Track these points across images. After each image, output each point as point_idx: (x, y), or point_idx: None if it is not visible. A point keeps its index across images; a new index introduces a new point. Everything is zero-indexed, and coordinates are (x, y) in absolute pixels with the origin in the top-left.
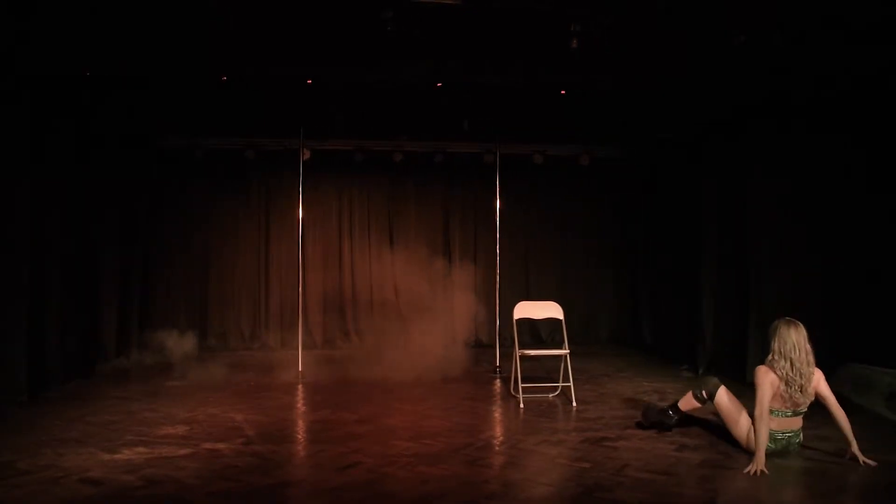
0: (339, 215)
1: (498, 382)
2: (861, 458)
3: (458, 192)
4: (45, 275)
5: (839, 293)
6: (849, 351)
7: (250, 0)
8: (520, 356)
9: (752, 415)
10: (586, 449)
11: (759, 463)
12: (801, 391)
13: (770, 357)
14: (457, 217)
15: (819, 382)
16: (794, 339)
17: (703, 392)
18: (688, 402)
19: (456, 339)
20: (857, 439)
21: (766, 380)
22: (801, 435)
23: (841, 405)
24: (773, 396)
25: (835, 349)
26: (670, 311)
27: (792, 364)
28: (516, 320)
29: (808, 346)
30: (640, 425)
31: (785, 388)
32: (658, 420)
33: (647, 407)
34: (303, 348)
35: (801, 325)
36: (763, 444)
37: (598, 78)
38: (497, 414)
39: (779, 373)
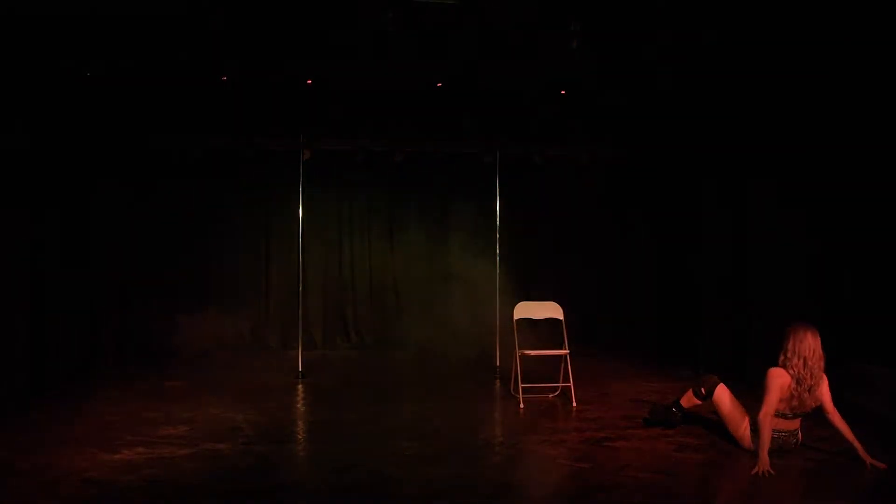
0: (340, 215)
1: (498, 382)
2: (870, 461)
3: (458, 192)
4: (44, 275)
5: (839, 293)
6: (849, 351)
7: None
8: (520, 356)
9: (752, 414)
10: (586, 449)
11: (763, 464)
12: (809, 391)
13: (782, 357)
14: (457, 217)
15: (824, 388)
16: (810, 341)
17: (703, 389)
18: (689, 399)
19: (456, 339)
20: (858, 440)
21: (777, 382)
22: (800, 434)
23: (841, 405)
24: (780, 399)
25: (835, 349)
26: (670, 311)
27: (805, 363)
28: (516, 320)
29: (822, 352)
30: (647, 422)
31: (796, 386)
32: (664, 417)
33: (653, 405)
34: (303, 348)
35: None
36: (766, 445)
37: (598, 78)
38: (497, 414)
39: (791, 371)
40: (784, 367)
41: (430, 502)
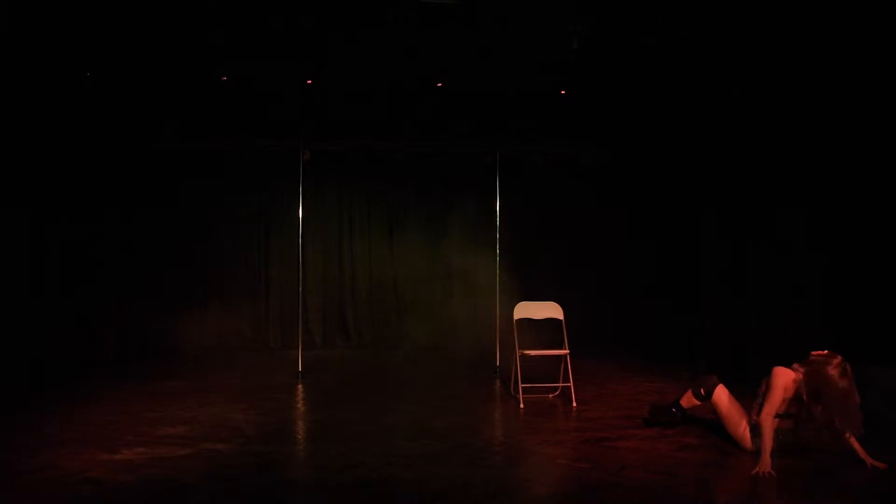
0: (340, 215)
1: (498, 382)
2: (870, 462)
3: (458, 192)
4: (45, 275)
5: (840, 292)
6: (849, 350)
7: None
8: (520, 356)
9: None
10: (586, 449)
11: (764, 465)
12: (820, 415)
13: (796, 364)
14: (457, 217)
15: None
16: (836, 379)
17: (702, 390)
18: (688, 400)
19: (456, 339)
20: (858, 441)
21: (781, 382)
22: (800, 432)
23: None
24: (784, 399)
25: (835, 349)
26: (670, 311)
27: (818, 394)
28: (516, 320)
29: (855, 403)
30: (647, 422)
31: (803, 393)
32: (664, 417)
33: (652, 405)
34: (303, 348)
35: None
36: (769, 446)
37: (598, 78)
38: (497, 414)
39: (798, 375)
40: (793, 371)
41: (430, 502)
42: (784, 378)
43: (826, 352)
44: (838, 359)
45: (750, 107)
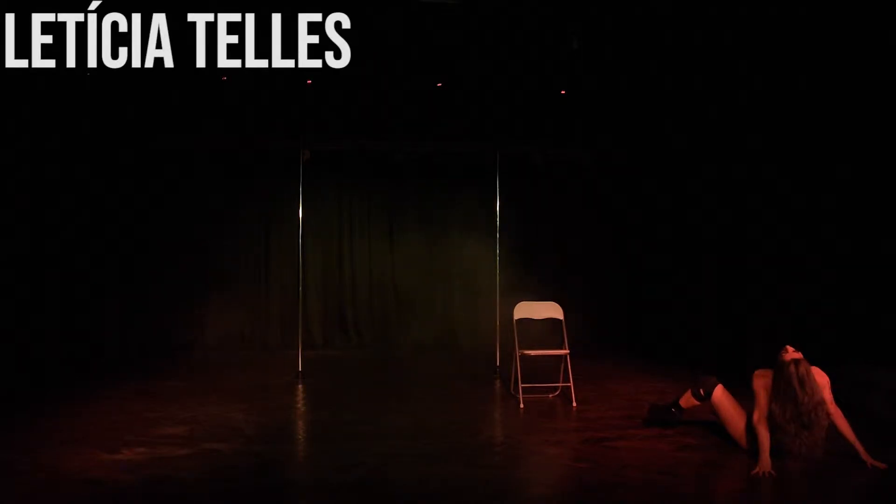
0: (340, 215)
1: (498, 382)
2: (870, 462)
3: (458, 192)
4: (44, 275)
5: (839, 292)
6: (849, 351)
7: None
8: (520, 356)
9: (751, 417)
10: (586, 449)
11: (764, 465)
12: (806, 426)
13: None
14: (457, 217)
15: (824, 392)
16: (792, 385)
17: (702, 390)
18: (687, 400)
19: (456, 338)
20: (859, 441)
21: (760, 384)
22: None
23: (841, 405)
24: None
25: (835, 349)
26: (670, 311)
27: (785, 409)
28: (516, 320)
29: (813, 400)
30: (646, 422)
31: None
32: (663, 417)
33: (652, 405)
34: (303, 348)
35: (806, 376)
36: (766, 447)
37: (598, 78)
38: (497, 414)
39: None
40: (768, 371)
41: (430, 502)
42: (764, 379)
43: (791, 348)
44: (793, 362)
45: (748, 103)
